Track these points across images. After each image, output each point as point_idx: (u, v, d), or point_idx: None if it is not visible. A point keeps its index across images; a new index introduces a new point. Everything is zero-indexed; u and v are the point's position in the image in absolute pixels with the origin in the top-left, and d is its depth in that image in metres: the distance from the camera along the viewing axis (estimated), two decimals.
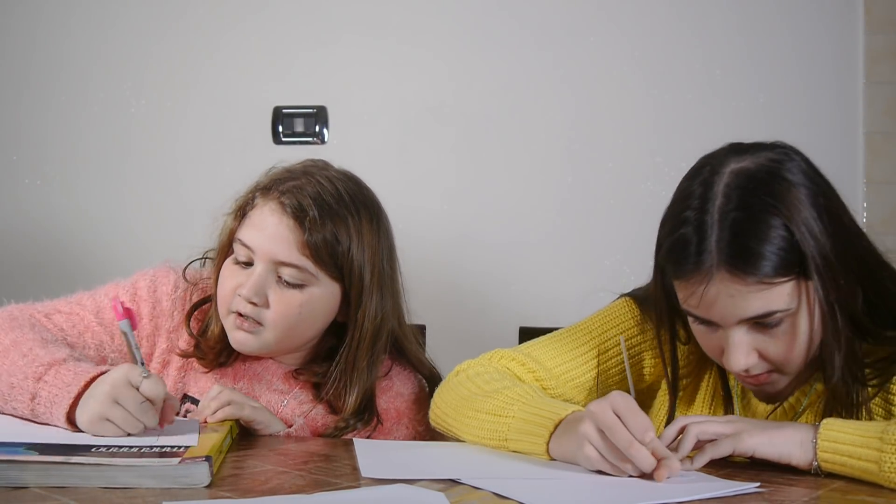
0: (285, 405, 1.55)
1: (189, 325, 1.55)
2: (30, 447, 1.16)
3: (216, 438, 1.26)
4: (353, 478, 1.14)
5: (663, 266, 1.28)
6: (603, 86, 2.45)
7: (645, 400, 1.49)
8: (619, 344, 1.45)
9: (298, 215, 1.45)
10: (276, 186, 1.48)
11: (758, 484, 1.10)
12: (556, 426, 1.19)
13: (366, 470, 1.16)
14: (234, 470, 1.18)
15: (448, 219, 2.48)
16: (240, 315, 1.47)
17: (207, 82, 2.51)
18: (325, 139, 2.48)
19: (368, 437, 1.52)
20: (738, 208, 1.20)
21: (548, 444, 1.19)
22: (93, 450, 1.16)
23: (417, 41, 2.48)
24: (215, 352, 1.53)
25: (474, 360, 1.47)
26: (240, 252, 1.48)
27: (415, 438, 1.56)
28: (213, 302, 1.54)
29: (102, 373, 1.31)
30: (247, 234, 1.48)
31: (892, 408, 1.26)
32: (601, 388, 1.46)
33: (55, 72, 2.53)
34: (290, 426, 1.49)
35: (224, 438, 1.29)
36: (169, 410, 1.31)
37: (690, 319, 1.29)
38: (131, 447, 1.18)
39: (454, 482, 1.10)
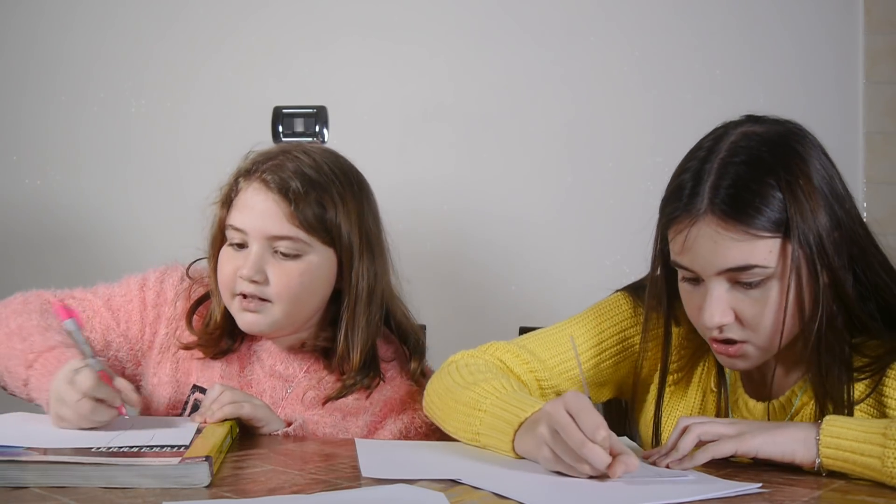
0: (290, 392, 1.56)
1: (191, 323, 1.58)
2: (30, 448, 1.15)
3: (216, 438, 1.26)
4: (353, 478, 1.14)
5: (661, 215, 1.31)
6: (602, 86, 2.45)
7: (640, 393, 1.49)
8: (613, 336, 1.47)
9: (283, 189, 1.49)
10: (256, 168, 1.52)
11: (759, 484, 1.09)
12: (521, 425, 1.20)
13: (366, 470, 1.16)
14: (234, 470, 1.18)
15: (448, 218, 2.47)
16: (244, 296, 1.50)
17: (207, 82, 2.51)
18: (325, 139, 2.48)
19: (369, 432, 1.54)
20: (741, 163, 1.24)
21: (513, 442, 1.20)
22: (93, 450, 1.16)
23: (417, 41, 2.47)
24: (215, 338, 1.56)
25: (469, 350, 1.48)
26: (233, 236, 1.52)
27: (419, 426, 1.57)
28: (213, 296, 1.57)
29: None
30: (236, 217, 1.51)
31: (887, 410, 1.25)
32: (594, 381, 1.48)
33: (56, 71, 2.53)
34: (290, 424, 1.49)
35: (224, 438, 1.29)
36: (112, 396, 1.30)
37: (679, 278, 1.30)
38: (131, 447, 1.18)
39: (454, 482, 1.10)
